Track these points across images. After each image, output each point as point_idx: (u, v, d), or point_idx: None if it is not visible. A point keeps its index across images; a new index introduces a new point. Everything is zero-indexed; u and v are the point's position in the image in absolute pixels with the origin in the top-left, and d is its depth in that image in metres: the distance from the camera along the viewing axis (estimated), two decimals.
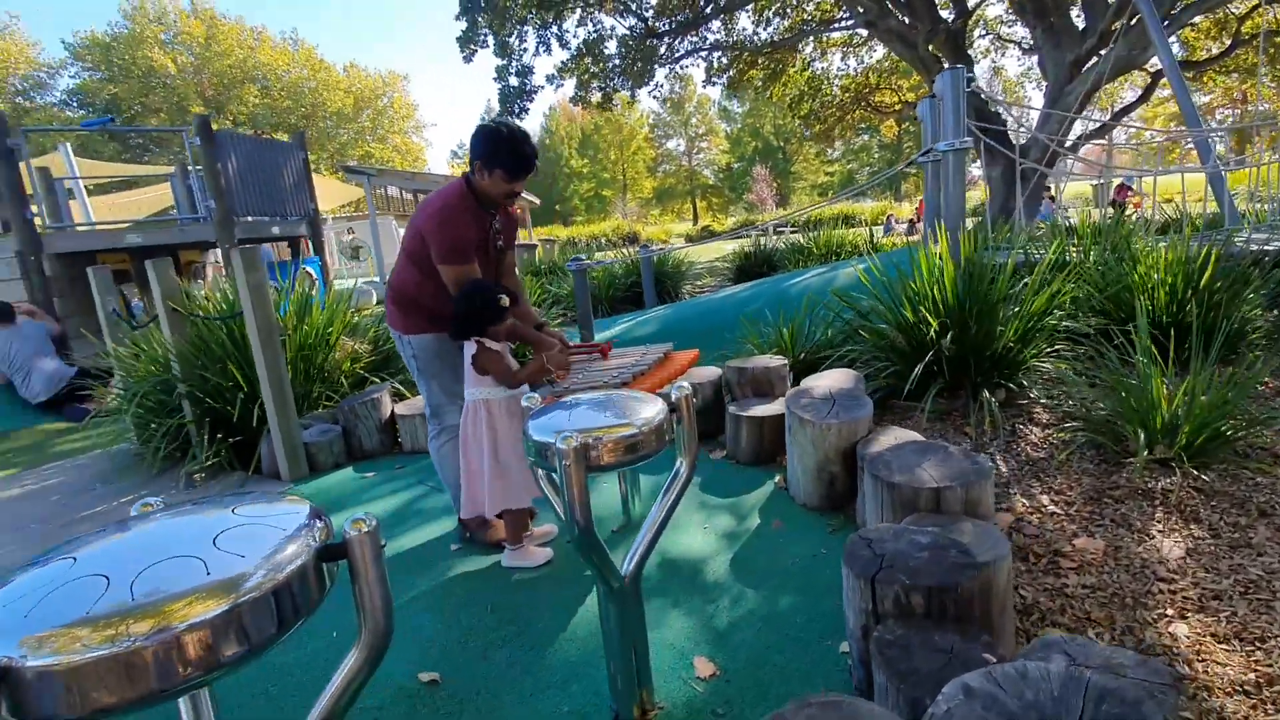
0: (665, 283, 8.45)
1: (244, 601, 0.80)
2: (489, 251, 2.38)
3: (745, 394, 3.18)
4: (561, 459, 1.19)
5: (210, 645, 0.77)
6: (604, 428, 1.29)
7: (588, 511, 1.24)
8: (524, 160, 2.19)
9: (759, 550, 2.24)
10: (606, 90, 13.03)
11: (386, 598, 1.01)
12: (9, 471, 4.45)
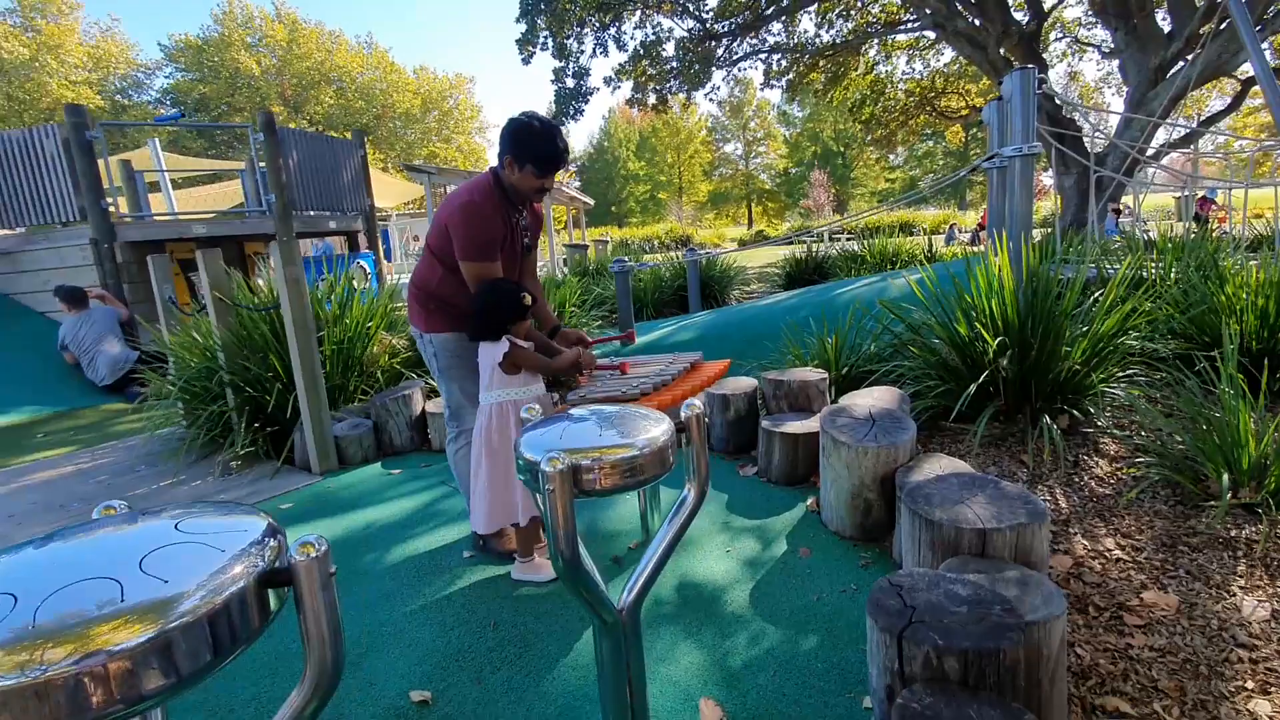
0: (712, 287, 8.28)
1: (157, 635, 0.71)
2: (515, 250, 2.30)
3: (781, 408, 3.01)
4: (546, 482, 1.07)
5: (110, 681, 0.69)
6: (599, 448, 1.16)
7: (574, 541, 1.12)
8: (555, 156, 2.10)
9: (783, 581, 2.08)
10: (662, 93, 12.93)
11: (335, 631, 0.91)
12: (68, 449, 4.65)
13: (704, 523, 2.51)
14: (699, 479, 1.34)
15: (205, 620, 0.75)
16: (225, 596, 0.78)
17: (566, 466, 1.09)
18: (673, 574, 2.16)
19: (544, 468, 1.07)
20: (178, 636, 0.73)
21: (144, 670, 0.72)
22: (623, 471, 1.16)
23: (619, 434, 1.21)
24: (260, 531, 0.90)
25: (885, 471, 2.13)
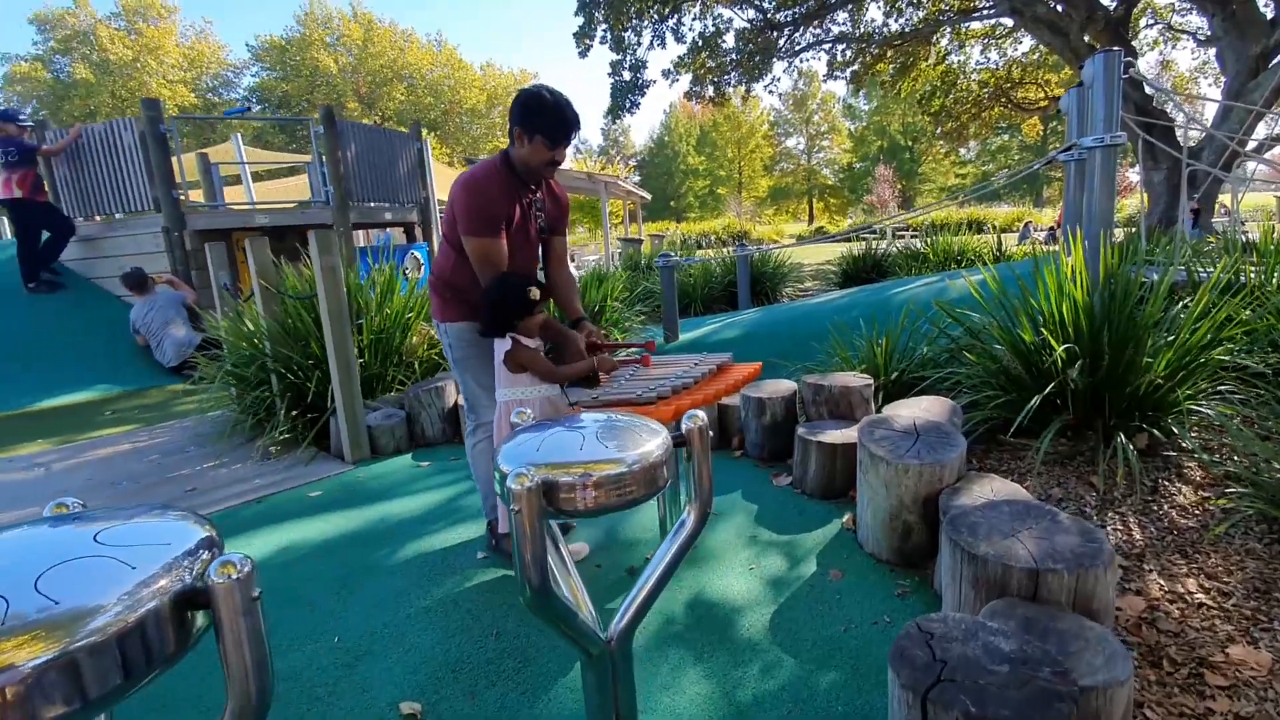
0: (764, 284, 8.03)
1: (30, 663, 0.63)
2: (527, 231, 2.18)
3: (820, 415, 2.81)
4: (511, 501, 0.95)
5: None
6: (580, 463, 1.04)
7: (543, 568, 1.00)
8: (565, 125, 2.00)
9: (808, 607, 1.90)
10: (719, 85, 12.65)
11: (259, 661, 0.82)
12: (130, 427, 4.85)
13: (728, 535, 2.35)
14: (700, 499, 1.20)
15: (90, 649, 0.67)
16: (122, 624, 0.70)
17: (536, 484, 0.96)
18: (688, 589, 2.02)
19: (510, 484, 0.95)
20: (54, 666, 0.65)
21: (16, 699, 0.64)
22: (606, 490, 1.03)
23: (606, 447, 1.08)
24: (185, 548, 0.82)
25: (928, 492, 1.92)
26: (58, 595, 0.69)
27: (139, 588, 0.73)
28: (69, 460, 4.05)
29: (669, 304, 5.33)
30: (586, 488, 1.02)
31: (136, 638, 0.71)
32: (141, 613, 0.72)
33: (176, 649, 0.78)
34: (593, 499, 1.03)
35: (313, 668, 1.80)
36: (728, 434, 3.23)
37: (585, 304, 4.89)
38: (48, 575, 0.71)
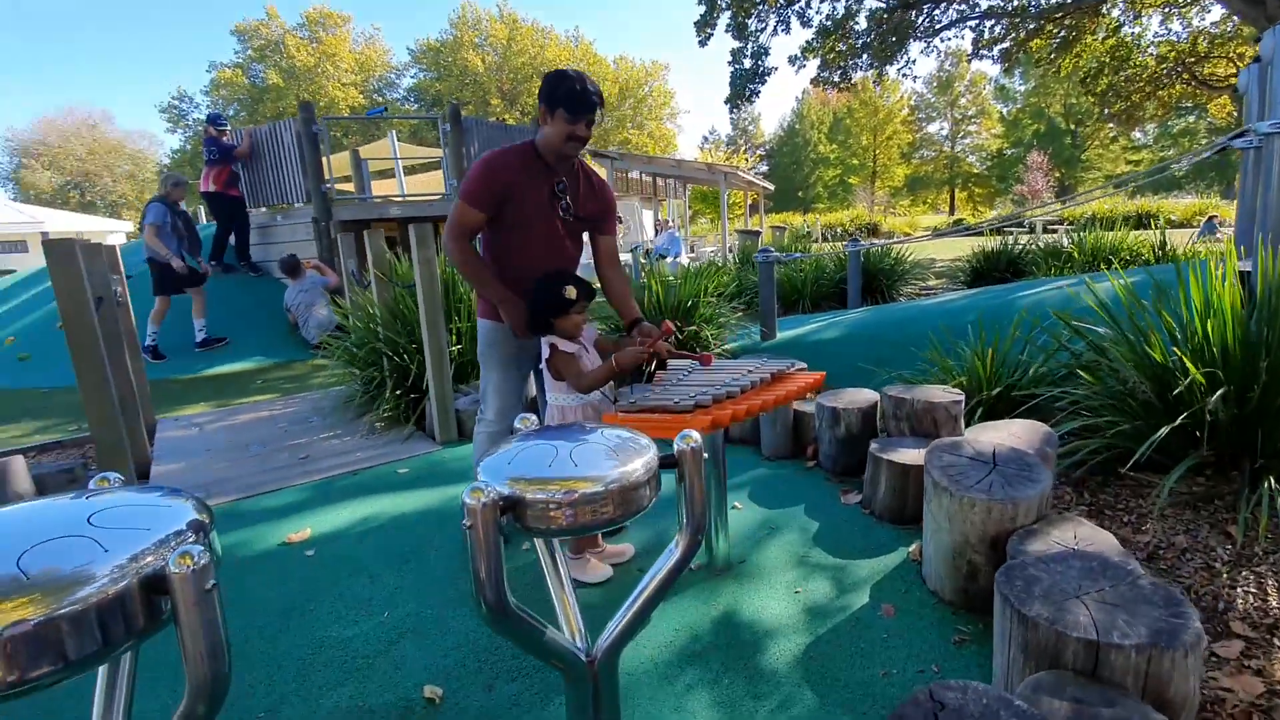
0: (879, 281, 7.55)
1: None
2: (549, 217, 2.15)
3: (901, 430, 2.59)
4: (465, 515, 0.94)
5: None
6: (551, 480, 1.01)
7: (500, 587, 0.98)
8: (585, 97, 2.02)
9: (850, 643, 1.76)
10: (846, 70, 11.98)
11: (214, 648, 0.86)
12: (272, 396, 5.45)
13: (778, 551, 2.23)
14: (690, 528, 1.13)
15: (48, 622, 0.73)
16: (82, 601, 0.76)
17: (492, 500, 0.94)
18: (720, 605, 1.94)
19: (465, 498, 0.94)
20: (14, 634, 0.72)
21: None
22: (578, 510, 1.00)
23: (582, 464, 1.04)
24: (162, 535, 0.88)
25: (997, 531, 1.70)
26: (32, 570, 0.77)
27: (106, 570, 0.80)
28: (218, 422, 4.63)
29: (767, 301, 5.15)
30: (558, 506, 0.99)
31: (95, 616, 0.77)
32: (103, 593, 0.78)
33: (145, 627, 0.84)
34: (565, 518, 1.00)
35: (358, 640, 1.92)
36: (802, 443, 3.07)
37: (678, 298, 4.84)
38: (32, 551, 0.80)
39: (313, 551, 2.51)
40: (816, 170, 46.87)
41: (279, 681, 1.77)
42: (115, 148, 45.08)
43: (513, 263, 2.18)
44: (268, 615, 2.10)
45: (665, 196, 21.47)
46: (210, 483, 3.40)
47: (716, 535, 2.10)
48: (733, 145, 51.73)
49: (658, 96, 42.79)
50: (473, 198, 2.08)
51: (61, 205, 36.51)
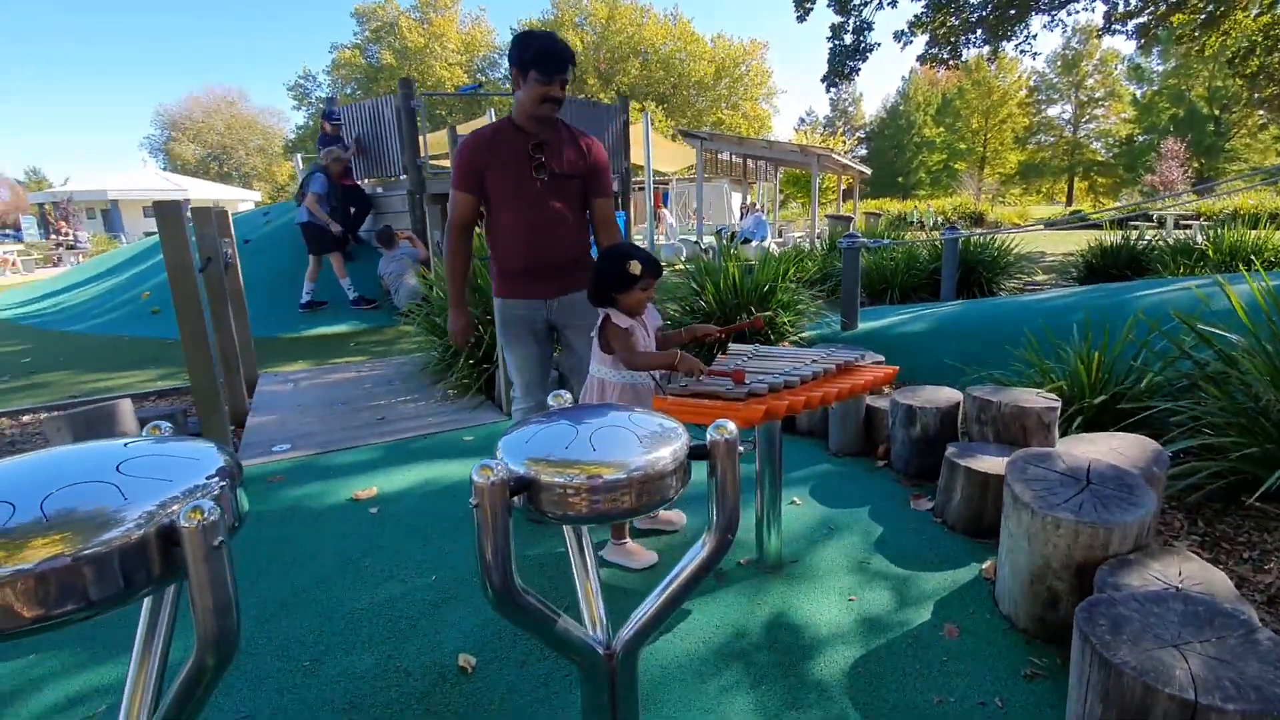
0: (978, 273, 7.02)
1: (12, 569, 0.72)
2: (523, 180, 2.11)
3: (983, 435, 2.37)
4: (472, 493, 0.89)
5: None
6: (569, 463, 0.94)
7: (507, 570, 0.93)
8: (556, 56, 1.98)
9: (904, 661, 1.62)
10: (957, 46, 11.12)
11: (221, 605, 0.86)
12: (362, 358, 5.74)
13: (835, 553, 2.10)
14: (720, 526, 1.04)
15: (63, 564, 0.75)
16: (99, 545, 0.77)
17: (500, 479, 0.89)
18: (768, 606, 1.84)
19: (474, 476, 0.89)
20: (33, 572, 0.73)
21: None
22: (595, 497, 0.93)
23: (604, 447, 0.98)
24: (184, 488, 0.89)
25: (1085, 558, 1.50)
26: (52, 513, 0.79)
27: (121, 519, 0.81)
28: (312, 380, 4.91)
29: (849, 289, 4.89)
30: (574, 492, 0.93)
31: (108, 561, 0.78)
32: (122, 540, 0.79)
33: (163, 576, 0.85)
34: (580, 505, 0.93)
35: (404, 601, 1.96)
36: (873, 440, 2.88)
37: (755, 282, 4.67)
38: (57, 494, 0.82)
39: (376, 509, 2.60)
40: (919, 154, 44.33)
41: (327, 632, 1.83)
42: (249, 123, 48.83)
43: (504, 233, 2.19)
44: (327, 566, 2.18)
45: (755, 179, 20.94)
46: (296, 436, 3.60)
47: (768, 531, 1.99)
48: (830, 127, 49.73)
49: (754, 76, 41.68)
50: (456, 182, 2.14)
51: (203, 175, 40.04)
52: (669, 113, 38.04)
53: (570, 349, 2.36)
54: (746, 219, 12.99)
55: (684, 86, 40.30)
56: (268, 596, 2.01)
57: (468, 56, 41.77)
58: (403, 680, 1.62)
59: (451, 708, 1.52)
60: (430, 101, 27.13)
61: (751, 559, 2.08)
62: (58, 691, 1.63)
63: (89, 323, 7.73)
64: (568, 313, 2.28)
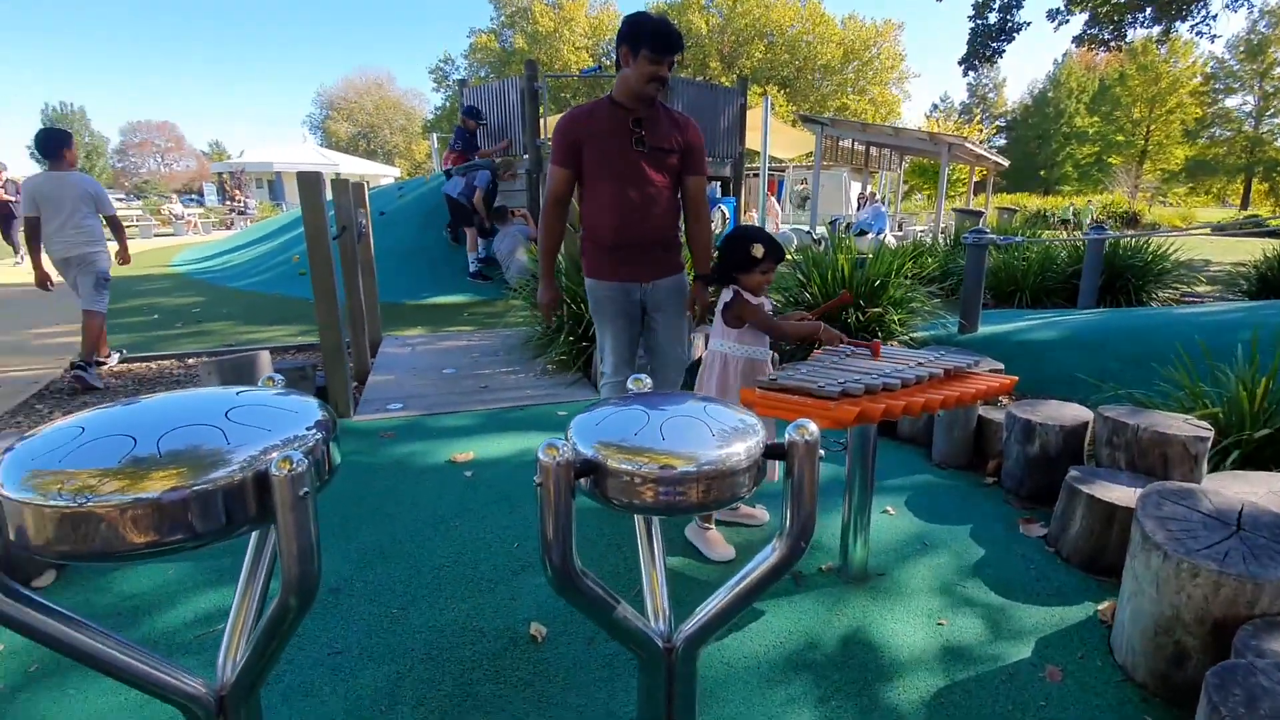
0: (1125, 279, 6.29)
1: (129, 498, 0.80)
2: (624, 156, 2.13)
3: (1114, 461, 2.12)
4: (538, 472, 0.89)
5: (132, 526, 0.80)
6: (630, 449, 0.92)
7: (567, 550, 0.93)
8: (669, 38, 2.02)
9: (996, 700, 1.48)
10: (1121, 26, 9.89)
11: (306, 551, 0.92)
12: (472, 328, 6.04)
13: (928, 572, 1.96)
14: (795, 531, 0.98)
15: (169, 498, 0.82)
16: (207, 483, 0.84)
17: (566, 460, 0.89)
18: (847, 618, 1.74)
19: (540, 455, 0.89)
20: (150, 501, 0.81)
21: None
22: (661, 489, 0.91)
23: (673, 437, 0.95)
24: (283, 437, 0.95)
25: (1225, 614, 1.30)
26: (166, 450, 0.87)
27: (224, 461, 0.88)
28: (426, 345, 5.22)
29: (970, 289, 4.53)
30: (640, 480, 0.91)
31: (211, 498, 0.85)
32: (212, 482, 0.86)
33: (256, 517, 0.91)
34: (647, 494, 0.91)
35: (487, 564, 2.04)
36: (983, 454, 2.66)
37: (865, 276, 4.43)
38: (172, 433, 0.90)
39: (471, 473, 2.72)
40: (1068, 146, 40.29)
41: (415, 585, 1.94)
42: (394, 104, 52.45)
43: (599, 205, 2.20)
44: (421, 523, 2.31)
45: (878, 168, 19.89)
46: (408, 396, 3.84)
47: (854, 540, 1.89)
48: (967, 114, 46.23)
49: (885, 59, 39.42)
50: (555, 158, 2.19)
51: (352, 151, 43.48)
52: (791, 97, 36.84)
53: (653, 330, 2.38)
54: (864, 209, 12.38)
55: (809, 70, 38.86)
56: (368, 544, 2.16)
57: (594, 40, 42.39)
58: (477, 639, 1.69)
59: (519, 673, 1.57)
60: (555, 84, 27.85)
61: (834, 566, 1.98)
62: (187, 610, 1.83)
63: (250, 280, 8.63)
64: (659, 296, 2.31)
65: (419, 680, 1.54)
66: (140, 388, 4.30)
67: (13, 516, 0.83)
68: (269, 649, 1.02)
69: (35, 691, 1.51)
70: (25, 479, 0.83)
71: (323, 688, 1.52)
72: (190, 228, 18.53)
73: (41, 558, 1.01)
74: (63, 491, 0.81)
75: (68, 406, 3.87)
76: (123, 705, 1.47)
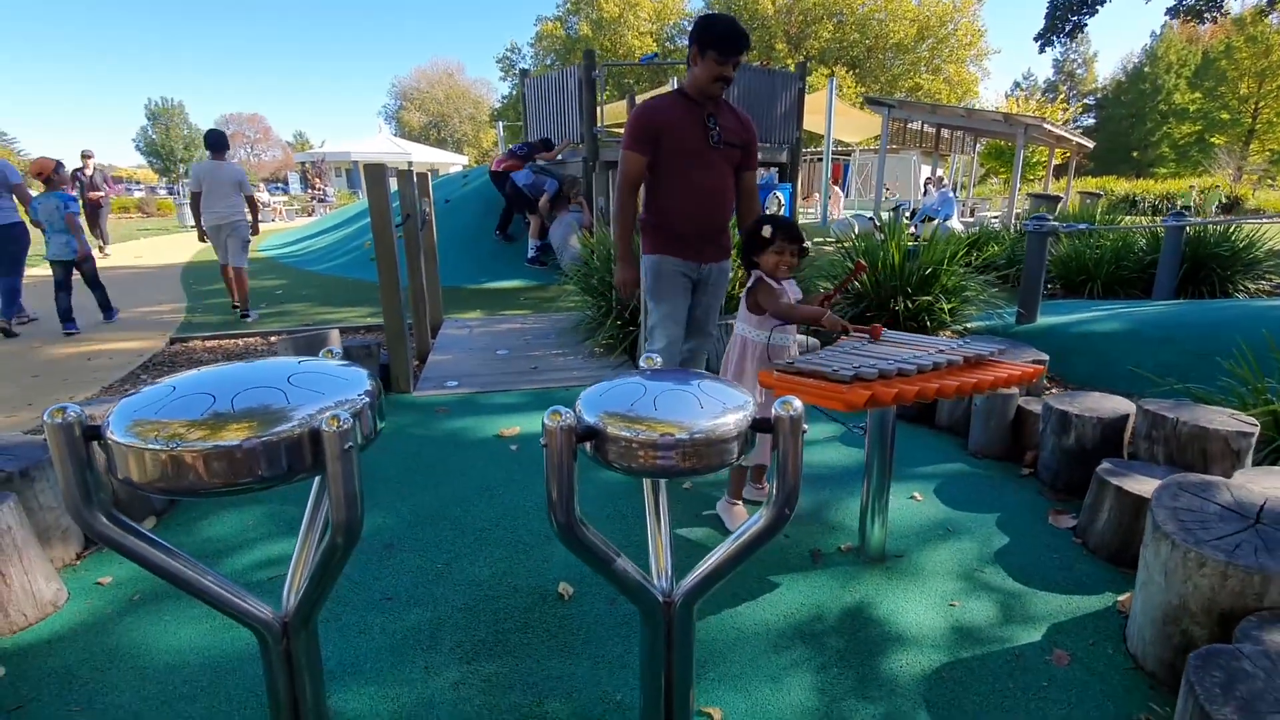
0: (1211, 269, 5.90)
1: (207, 445, 0.97)
2: (702, 147, 2.27)
3: (1152, 455, 2.08)
4: (543, 434, 1.01)
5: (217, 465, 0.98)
6: (634, 418, 1.03)
7: (569, 506, 1.04)
8: (734, 40, 2.14)
9: (998, 680, 1.53)
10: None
11: (350, 497, 1.07)
12: (526, 311, 6.26)
13: (947, 555, 1.99)
14: (780, 498, 1.07)
15: (238, 446, 0.99)
16: (269, 435, 1.00)
17: (568, 425, 1.01)
18: (859, 591, 1.81)
19: (545, 420, 1.01)
20: (225, 449, 0.98)
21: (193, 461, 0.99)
22: (655, 453, 1.01)
23: (666, 408, 1.05)
24: (336, 400, 1.11)
25: (1233, 605, 1.30)
26: (240, 407, 1.04)
27: (283, 418, 1.04)
28: (483, 328, 5.47)
29: (1030, 278, 4.40)
30: (637, 445, 1.02)
31: (275, 448, 1.01)
32: (276, 434, 1.02)
33: (311, 466, 1.08)
34: (642, 458, 1.02)
35: (524, 529, 2.20)
36: (1020, 445, 2.63)
37: (920, 263, 4.36)
38: (245, 393, 1.07)
39: (516, 447, 2.90)
40: (1165, 125, 37.39)
41: (459, 544, 2.12)
42: (463, 93, 53.79)
43: (674, 193, 2.32)
44: (468, 490, 2.49)
45: (950, 151, 19.09)
46: (464, 375, 4.07)
47: (872, 521, 1.94)
48: (1051, 93, 43.52)
49: (963, 35, 37.45)
50: (631, 143, 2.28)
51: (424, 141, 44.91)
52: (860, 78, 35.58)
53: (697, 306, 2.53)
54: (931, 194, 11.97)
55: (880, 49, 37.41)
56: (419, 506, 2.36)
57: (658, 25, 42.10)
58: (511, 595, 1.85)
59: (546, 626, 1.71)
60: (618, 71, 27.89)
61: (853, 546, 2.04)
62: (259, 554, 2.07)
63: (327, 264, 9.16)
64: (711, 277, 2.49)
65: (457, 626, 1.71)
66: (230, 361, 4.71)
67: (120, 459, 1.02)
68: (322, 582, 1.19)
69: (137, 617, 1.76)
70: (129, 427, 1.01)
71: (374, 627, 1.71)
72: (276, 214, 19.71)
73: (143, 493, 1.19)
74: (158, 437, 0.99)
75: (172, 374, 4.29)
76: (207, 631, 1.70)
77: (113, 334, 5.35)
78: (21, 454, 1.99)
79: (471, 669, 1.56)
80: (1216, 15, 9.87)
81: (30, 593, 1.74)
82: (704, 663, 1.57)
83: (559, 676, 1.54)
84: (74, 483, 1.05)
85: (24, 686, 1.51)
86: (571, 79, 8.80)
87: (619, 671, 1.55)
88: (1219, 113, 35.76)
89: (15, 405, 3.59)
